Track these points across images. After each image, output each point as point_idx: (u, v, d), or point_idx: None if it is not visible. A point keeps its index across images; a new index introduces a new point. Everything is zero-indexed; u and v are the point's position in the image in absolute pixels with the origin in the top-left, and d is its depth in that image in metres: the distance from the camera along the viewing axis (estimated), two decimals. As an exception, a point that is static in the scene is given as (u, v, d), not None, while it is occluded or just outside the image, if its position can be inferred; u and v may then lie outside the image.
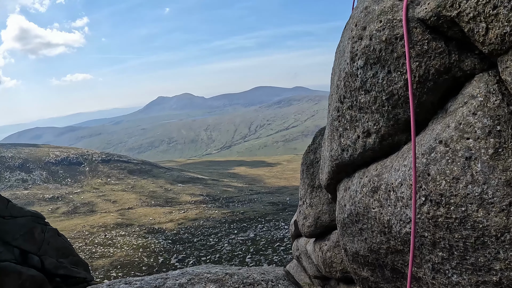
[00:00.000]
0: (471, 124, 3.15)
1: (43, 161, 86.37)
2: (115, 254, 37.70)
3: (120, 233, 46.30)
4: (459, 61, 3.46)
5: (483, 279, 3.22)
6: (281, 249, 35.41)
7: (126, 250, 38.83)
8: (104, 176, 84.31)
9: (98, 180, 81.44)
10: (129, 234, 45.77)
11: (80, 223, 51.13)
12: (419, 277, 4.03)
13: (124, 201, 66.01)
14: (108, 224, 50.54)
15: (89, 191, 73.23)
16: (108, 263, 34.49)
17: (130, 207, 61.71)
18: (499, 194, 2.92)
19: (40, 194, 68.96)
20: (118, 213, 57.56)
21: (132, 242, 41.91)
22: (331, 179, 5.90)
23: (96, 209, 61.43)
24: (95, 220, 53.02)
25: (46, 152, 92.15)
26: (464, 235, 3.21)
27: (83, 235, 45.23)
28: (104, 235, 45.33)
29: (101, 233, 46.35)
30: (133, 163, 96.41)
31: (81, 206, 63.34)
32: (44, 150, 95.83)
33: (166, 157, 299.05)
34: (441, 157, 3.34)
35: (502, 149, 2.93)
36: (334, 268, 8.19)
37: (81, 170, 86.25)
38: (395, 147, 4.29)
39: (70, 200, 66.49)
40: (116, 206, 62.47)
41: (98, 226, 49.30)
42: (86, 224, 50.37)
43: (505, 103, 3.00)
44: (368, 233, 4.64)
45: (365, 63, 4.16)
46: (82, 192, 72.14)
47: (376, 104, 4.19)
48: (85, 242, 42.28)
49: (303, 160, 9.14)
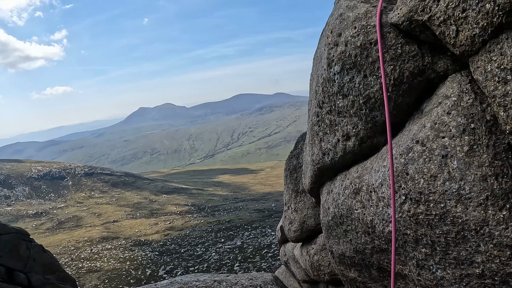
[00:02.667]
0: (446, 123, 3.26)
1: (26, 176, 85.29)
2: (102, 268, 37.40)
3: (106, 246, 45.94)
4: (432, 63, 3.57)
5: (466, 272, 3.32)
6: (269, 256, 35.37)
7: (113, 264, 38.53)
8: (88, 190, 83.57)
9: (82, 194, 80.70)
10: (115, 247, 45.42)
11: (65, 238, 50.63)
12: (405, 274, 4.12)
13: (108, 214, 65.49)
14: (93, 238, 50.12)
15: (73, 206, 72.52)
16: (96, 278, 34.21)
17: (115, 220, 61.25)
18: (476, 189, 3.03)
19: (24, 210, 68.14)
20: (103, 226, 57.08)
21: (118, 255, 41.60)
22: (314, 183, 5.98)
23: (81, 223, 60.86)
24: (80, 234, 52.53)
25: (28, 167, 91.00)
26: (445, 230, 3.32)
27: (68, 250, 44.80)
28: (90, 249, 44.94)
29: (87, 247, 45.95)
30: (116, 175, 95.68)
31: (65, 221, 62.68)
32: (26, 165, 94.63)
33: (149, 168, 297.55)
34: (418, 157, 3.45)
35: (476, 145, 3.04)
36: (322, 271, 8.24)
37: (64, 185, 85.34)
38: (374, 149, 4.39)
39: (54, 215, 65.76)
40: (101, 220, 61.94)
41: (84, 241, 48.86)
42: (71, 239, 49.90)
43: (478, 101, 3.11)
44: (352, 234, 4.73)
45: (341, 68, 4.27)
46: (66, 207, 71.39)
47: (354, 108, 4.30)
48: (71, 257, 41.88)
49: (286, 165, 9.19)
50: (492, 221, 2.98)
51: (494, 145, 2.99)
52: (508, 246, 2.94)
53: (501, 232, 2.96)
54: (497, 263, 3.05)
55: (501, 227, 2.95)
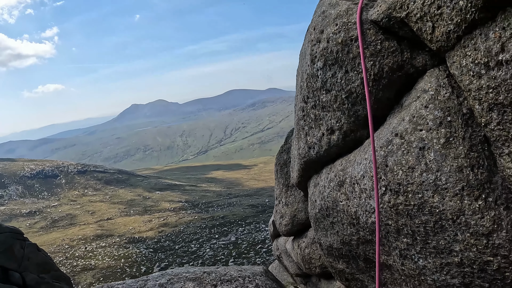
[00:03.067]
0: (424, 116, 3.36)
1: (18, 175, 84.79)
2: (97, 266, 37.33)
3: (100, 244, 45.82)
4: (411, 59, 3.67)
5: (446, 261, 3.42)
6: (263, 251, 35.43)
7: (108, 262, 38.47)
8: (81, 188, 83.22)
9: (75, 192, 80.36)
10: (109, 245, 45.31)
11: (59, 237, 50.43)
12: (390, 264, 4.22)
13: (102, 211, 65.27)
14: (87, 236, 49.97)
15: (67, 204, 72.22)
16: (91, 276, 34.18)
17: (109, 217, 61.05)
18: (452, 180, 3.14)
19: (17, 209, 67.79)
20: (97, 224, 56.90)
21: (113, 253, 41.52)
22: (301, 176, 6.09)
23: (75, 221, 60.60)
24: (74, 232, 52.35)
25: (21, 166, 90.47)
26: (423, 220, 3.42)
27: (63, 249, 44.65)
28: (84, 247, 44.81)
29: (81, 245, 45.81)
30: (109, 173, 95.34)
31: (59, 219, 62.40)
32: (18, 164, 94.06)
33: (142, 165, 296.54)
34: (397, 149, 3.56)
35: (453, 138, 3.15)
36: (313, 264, 8.31)
37: (57, 183, 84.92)
38: (358, 143, 4.50)
39: (48, 214, 65.46)
40: (94, 218, 61.73)
41: (78, 239, 48.71)
42: (65, 238, 49.71)
43: (454, 95, 3.21)
44: (339, 226, 4.83)
45: (324, 64, 4.37)
46: (59, 205, 71.09)
47: (337, 102, 4.40)
48: (65, 255, 41.76)
49: (276, 160, 9.26)
50: (468, 211, 3.09)
51: (470, 137, 3.08)
52: (484, 235, 3.04)
53: (477, 221, 3.06)
54: (475, 252, 3.15)
55: (477, 217, 3.05)
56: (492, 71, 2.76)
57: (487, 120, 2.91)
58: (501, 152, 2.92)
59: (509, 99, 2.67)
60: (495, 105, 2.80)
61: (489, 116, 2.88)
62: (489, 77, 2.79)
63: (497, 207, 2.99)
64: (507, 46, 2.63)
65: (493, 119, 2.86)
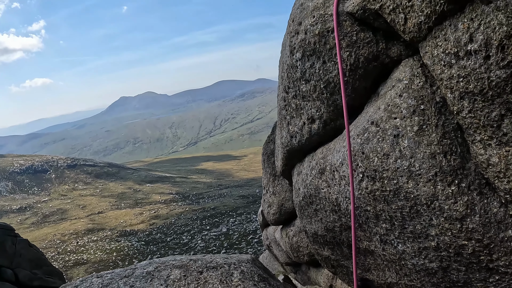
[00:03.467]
0: (398, 105, 3.46)
1: (8, 171, 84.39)
2: (89, 260, 37.37)
3: (92, 238, 45.84)
4: (386, 49, 3.75)
5: (423, 245, 3.53)
6: (254, 242, 35.59)
7: (100, 256, 38.51)
8: (71, 182, 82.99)
9: (66, 187, 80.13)
10: (101, 239, 45.35)
11: (50, 232, 50.38)
12: (372, 250, 4.31)
13: (93, 205, 65.20)
14: (79, 230, 49.95)
15: (57, 199, 72.03)
16: (83, 270, 34.23)
17: (100, 211, 61.01)
18: (425, 166, 3.24)
19: (7, 206, 67.58)
20: (88, 218, 56.86)
21: (105, 247, 41.57)
22: (285, 165, 6.18)
23: (66, 216, 60.52)
24: (65, 227, 52.29)
25: (10, 162, 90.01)
26: (399, 205, 3.53)
27: (55, 244, 44.64)
28: (76, 242, 44.82)
29: (72, 240, 45.82)
30: (99, 166, 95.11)
31: (50, 214, 62.29)
32: (7, 160, 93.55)
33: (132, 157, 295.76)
34: (373, 137, 3.65)
35: (426, 125, 3.24)
36: (301, 252, 8.39)
37: (47, 178, 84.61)
38: (338, 131, 4.58)
39: (39, 209, 65.33)
40: (85, 212, 61.68)
41: (69, 234, 48.69)
42: (57, 233, 49.67)
43: (428, 84, 3.29)
44: (322, 213, 4.92)
45: (302, 55, 4.45)
46: (50, 200, 70.90)
47: (316, 92, 4.49)
48: (57, 251, 41.76)
49: (263, 150, 9.31)
50: (442, 196, 3.18)
51: (443, 125, 3.16)
52: (458, 219, 3.14)
53: (450, 206, 3.16)
54: (450, 236, 3.25)
55: (450, 202, 3.15)
56: (461, 61, 2.83)
57: (459, 108, 2.98)
58: (473, 139, 3.00)
59: (479, 88, 2.75)
60: (466, 93, 2.87)
61: (461, 104, 2.95)
62: (459, 66, 2.86)
63: (470, 192, 3.07)
64: (475, 36, 2.70)
65: (464, 107, 2.93)
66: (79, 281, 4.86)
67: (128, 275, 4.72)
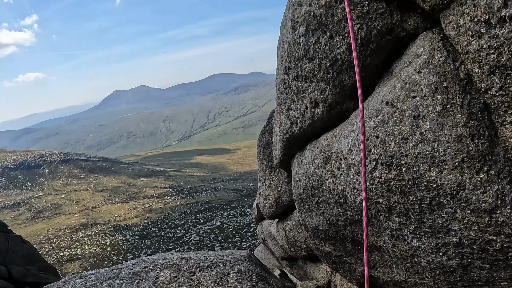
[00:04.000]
0: (417, 82, 3.06)
1: (1, 166, 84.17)
2: (84, 255, 37.37)
3: (86, 233, 45.89)
4: (402, 21, 3.36)
5: (443, 241, 3.16)
6: (249, 235, 35.65)
7: (94, 251, 38.55)
8: (65, 177, 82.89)
9: (59, 182, 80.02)
10: (95, 233, 45.40)
11: (44, 228, 50.42)
12: (379, 246, 3.98)
13: (87, 200, 65.22)
14: (73, 225, 49.99)
15: (51, 194, 71.98)
16: (78, 266, 34.20)
17: (94, 206, 61.04)
18: (451, 151, 2.84)
19: (1, 202, 67.54)
20: (82, 213, 56.89)
21: (99, 242, 41.59)
22: (284, 155, 5.82)
23: (60, 211, 60.52)
24: (59, 222, 52.32)
25: (3, 157, 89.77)
26: (418, 196, 3.14)
27: (49, 240, 44.64)
28: (70, 237, 44.86)
29: (67, 235, 45.84)
30: (93, 161, 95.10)
31: (44, 210, 62.29)
32: (1, 155, 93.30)
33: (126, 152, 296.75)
34: (388, 118, 3.25)
35: (450, 105, 2.85)
36: (298, 247, 8.18)
37: (40, 173, 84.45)
38: (344, 116, 4.19)
39: (32, 205, 65.35)
40: (79, 207, 61.70)
41: (63, 229, 48.71)
42: (51, 228, 49.71)
43: (450, 59, 2.91)
44: (325, 206, 4.56)
45: (306, 30, 4.04)
46: (43, 195, 70.87)
47: (320, 71, 4.08)
48: (51, 246, 41.76)
49: (259, 141, 9.06)
50: (469, 185, 2.80)
51: (469, 105, 2.80)
52: (487, 211, 2.78)
53: (478, 197, 2.79)
54: (475, 230, 2.89)
55: (478, 191, 2.78)
56: (493, 29, 2.48)
57: (487, 85, 2.62)
58: (503, 121, 2.64)
59: None
60: (497, 67, 2.51)
61: (490, 80, 2.59)
62: (490, 36, 2.50)
63: (499, 181, 2.71)
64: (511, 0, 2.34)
65: (494, 83, 2.57)
66: (61, 283, 4.54)
67: (113, 276, 4.36)
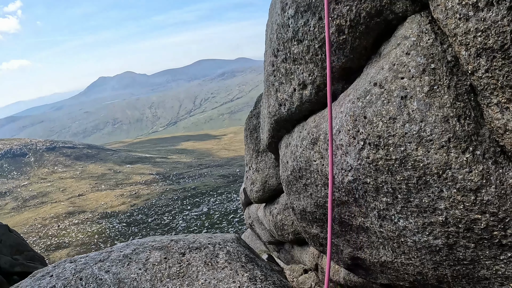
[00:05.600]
0: (405, 63, 3.10)
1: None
2: (71, 243, 37.33)
3: (73, 221, 45.78)
4: (391, 4, 3.38)
5: (429, 221, 3.23)
6: (235, 221, 35.77)
7: (82, 239, 38.51)
8: (51, 165, 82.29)
9: (45, 170, 79.43)
10: (82, 221, 45.31)
11: (31, 217, 50.20)
12: (366, 227, 4.04)
13: (73, 188, 64.89)
14: (60, 214, 49.81)
15: (37, 182, 71.48)
16: (65, 254, 34.18)
17: (80, 193, 60.77)
18: (437, 130, 2.89)
19: (-13, 191, 66.98)
20: (69, 201, 56.66)
21: (86, 230, 41.56)
22: (272, 137, 5.85)
23: (46, 200, 60.20)
24: (46, 211, 52.08)
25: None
26: (405, 176, 3.19)
27: (36, 229, 44.50)
28: (57, 225, 44.75)
29: (54, 224, 45.70)
30: (79, 148, 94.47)
31: (30, 198, 61.91)
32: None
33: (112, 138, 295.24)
34: (376, 99, 3.29)
35: (437, 86, 2.89)
36: (286, 230, 8.21)
37: (26, 161, 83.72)
38: (332, 98, 4.22)
39: (19, 194, 64.90)
40: (66, 195, 61.39)
41: (50, 217, 48.52)
42: (37, 217, 49.51)
43: (438, 42, 2.95)
44: (312, 188, 4.60)
45: (295, 11, 4.06)
46: (29, 184, 70.36)
47: (309, 53, 4.10)
48: (39, 235, 41.66)
49: (246, 125, 9.07)
50: (455, 164, 2.86)
51: (456, 86, 2.85)
52: (472, 190, 2.84)
53: (464, 176, 2.84)
54: (461, 209, 2.96)
55: (464, 171, 2.84)
56: (481, 13, 2.52)
57: (474, 67, 2.67)
58: (489, 102, 2.70)
59: (500, 43, 2.45)
60: (483, 50, 2.57)
61: (477, 62, 2.64)
62: (478, 19, 2.55)
63: (485, 161, 2.78)
64: (498, -17, 2.39)
65: (481, 65, 2.62)
66: (51, 267, 4.55)
67: (104, 259, 4.39)
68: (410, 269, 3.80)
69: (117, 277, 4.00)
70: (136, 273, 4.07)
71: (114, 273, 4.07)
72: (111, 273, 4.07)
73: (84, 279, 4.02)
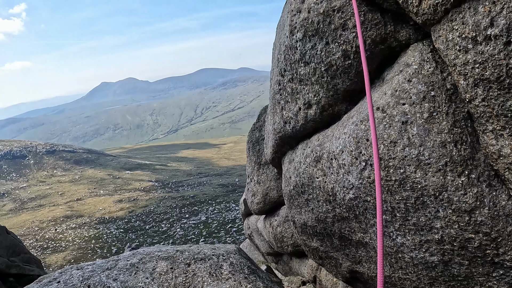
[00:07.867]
0: (407, 90, 3.27)
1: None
2: (68, 247, 37.15)
3: (70, 225, 45.54)
4: (395, 32, 3.57)
5: (426, 238, 3.38)
6: (233, 230, 35.67)
7: (79, 243, 38.32)
8: (50, 168, 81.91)
9: (44, 173, 79.06)
10: (79, 226, 45.07)
11: (29, 219, 49.91)
12: (366, 242, 4.18)
13: (72, 192, 64.56)
14: (57, 217, 49.52)
15: (36, 185, 71.11)
16: (62, 258, 34.01)
17: (78, 198, 60.46)
18: (435, 155, 3.07)
19: (-15, 192, 66.69)
20: (67, 205, 56.34)
21: (83, 234, 41.34)
22: (276, 152, 6.00)
23: (44, 203, 59.85)
24: (44, 214, 51.79)
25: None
26: (404, 196, 3.35)
27: (33, 231, 44.26)
28: (54, 229, 44.48)
29: (51, 227, 45.44)
30: (78, 153, 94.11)
31: (28, 201, 61.55)
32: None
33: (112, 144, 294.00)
34: (378, 123, 3.46)
35: (436, 113, 3.07)
36: (285, 242, 8.30)
37: (25, 164, 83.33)
38: (335, 117, 4.39)
39: (17, 196, 64.53)
40: (64, 198, 61.06)
41: (48, 221, 48.25)
42: (35, 220, 49.21)
43: (438, 70, 3.12)
44: (314, 203, 4.75)
45: (304, 35, 4.23)
46: (28, 186, 69.99)
47: (315, 75, 4.28)
48: (35, 238, 41.42)
49: (248, 138, 9.18)
50: (451, 187, 3.03)
51: (454, 113, 3.02)
52: (467, 211, 3.00)
53: (459, 198, 3.01)
54: (456, 229, 3.11)
55: (459, 193, 3.00)
56: (479, 46, 2.69)
57: (471, 96, 2.85)
58: (484, 129, 2.87)
59: (496, 75, 2.61)
60: (481, 80, 2.73)
61: (474, 92, 2.81)
62: (476, 52, 2.71)
63: (479, 184, 2.95)
64: (496, 20, 2.56)
65: (478, 95, 2.79)
66: (57, 273, 4.63)
67: (111, 267, 4.49)
68: (407, 283, 3.92)
69: (125, 286, 4.09)
70: (143, 282, 4.17)
71: (122, 281, 4.17)
72: (119, 281, 4.17)
73: (92, 287, 4.11)
